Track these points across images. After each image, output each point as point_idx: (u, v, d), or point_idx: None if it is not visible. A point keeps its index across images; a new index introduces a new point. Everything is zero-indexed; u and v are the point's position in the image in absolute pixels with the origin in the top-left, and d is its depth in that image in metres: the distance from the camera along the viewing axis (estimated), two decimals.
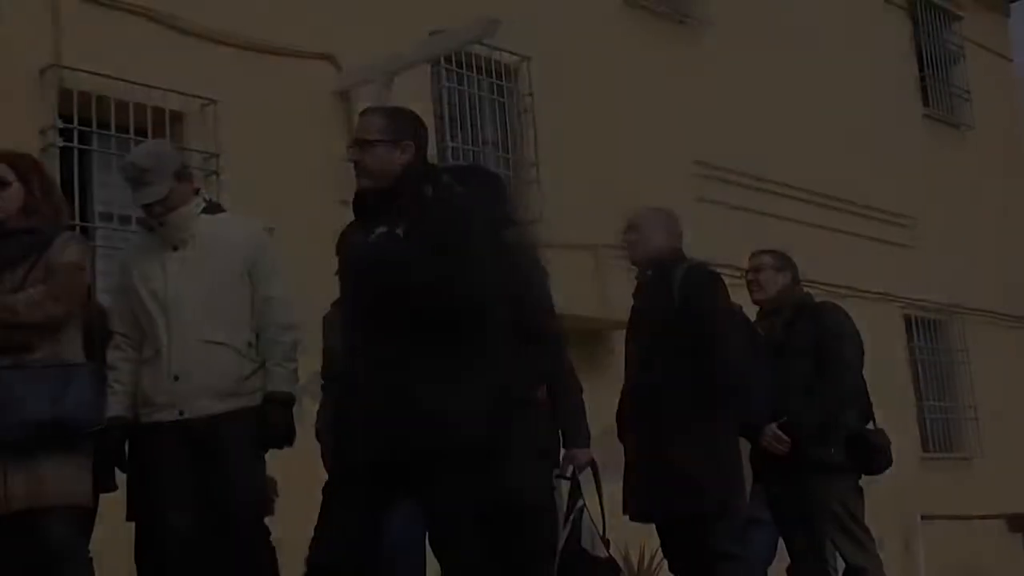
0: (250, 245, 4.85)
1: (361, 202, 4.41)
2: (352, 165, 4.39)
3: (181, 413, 4.70)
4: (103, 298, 5.68)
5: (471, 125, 10.40)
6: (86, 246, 4.79)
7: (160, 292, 4.77)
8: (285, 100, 8.95)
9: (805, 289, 6.52)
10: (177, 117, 8.65)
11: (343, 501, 4.30)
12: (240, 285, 4.81)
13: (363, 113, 4.49)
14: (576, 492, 5.49)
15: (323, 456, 5.77)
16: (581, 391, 5.63)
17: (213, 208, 4.95)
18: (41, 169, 4.85)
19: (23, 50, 7.96)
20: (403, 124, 4.39)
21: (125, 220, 8.52)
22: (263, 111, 8.74)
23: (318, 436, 5.71)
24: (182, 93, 8.57)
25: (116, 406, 4.80)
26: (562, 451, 5.49)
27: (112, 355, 4.87)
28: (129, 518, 5.01)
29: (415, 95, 9.39)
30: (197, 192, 5.01)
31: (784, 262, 6.40)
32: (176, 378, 4.71)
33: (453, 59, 10.16)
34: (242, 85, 8.80)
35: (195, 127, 8.72)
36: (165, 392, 4.73)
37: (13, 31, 7.85)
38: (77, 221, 7.80)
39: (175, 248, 4.84)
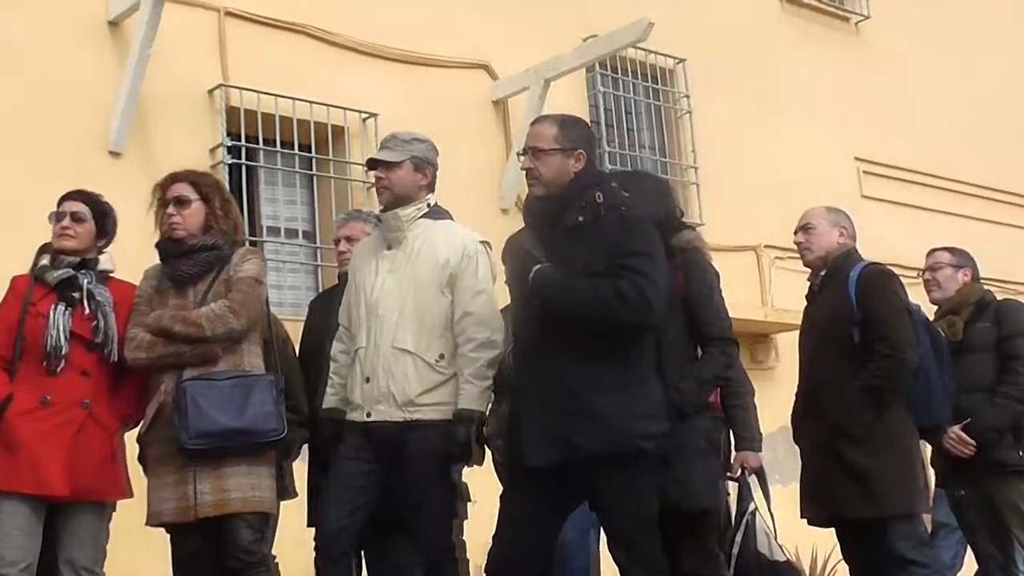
0: (456, 257, 4.74)
1: (532, 210, 4.42)
2: (524, 173, 4.41)
3: (368, 415, 4.71)
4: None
5: (627, 129, 10.35)
6: (263, 260, 4.88)
7: (369, 290, 4.80)
8: (442, 110, 9.02)
9: (984, 287, 6.30)
10: (339, 131, 8.82)
11: (520, 507, 4.35)
12: (439, 296, 4.73)
13: (535, 122, 4.50)
14: (746, 495, 5.42)
15: (495, 462, 5.80)
16: (753, 393, 5.56)
17: (437, 214, 4.92)
18: (220, 187, 4.99)
19: (192, 72, 8.21)
20: (575, 133, 4.41)
21: (291, 234, 8.73)
22: (421, 122, 8.69)
23: (488, 442, 5.74)
24: (343, 107, 8.73)
25: (332, 398, 4.85)
26: (732, 453, 5.43)
27: (335, 347, 4.91)
28: (311, 524, 5.11)
29: (570, 101, 9.43)
30: (431, 193, 4.97)
31: (963, 259, 6.20)
32: (367, 380, 4.72)
33: (608, 64, 10.13)
34: (400, 97, 8.93)
35: (356, 140, 8.88)
36: (358, 392, 4.76)
37: (182, 54, 8.10)
38: (245, 235, 8.00)
39: (389, 247, 4.85)
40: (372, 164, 4.96)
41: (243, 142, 8.33)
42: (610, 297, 4.16)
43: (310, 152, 8.74)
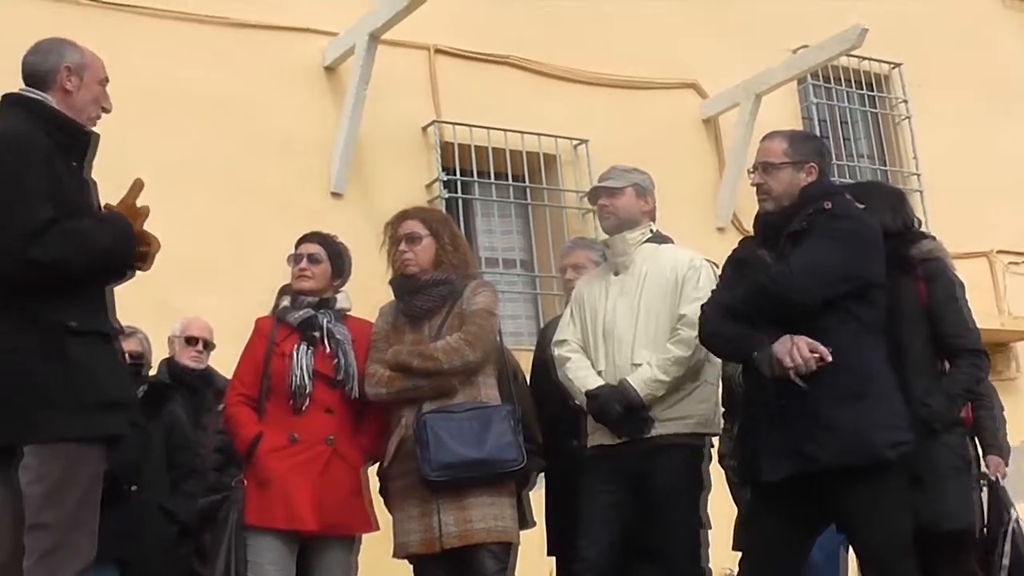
0: (683, 271, 4.78)
1: (763, 222, 4.34)
2: (755, 189, 4.33)
3: (616, 438, 4.71)
4: None
5: (843, 139, 10.11)
6: (495, 292, 4.93)
7: (600, 315, 4.83)
8: (653, 132, 8.99)
9: None
10: (550, 159, 8.88)
11: (763, 529, 4.24)
12: (671, 313, 4.74)
13: (765, 138, 4.43)
14: (1005, 503, 5.17)
15: (729, 484, 5.69)
16: (1002, 408, 5.31)
17: (660, 238, 4.96)
18: (449, 222, 5.06)
19: (405, 110, 8.42)
20: (805, 146, 4.34)
21: (509, 264, 8.80)
22: (633, 145, 8.77)
23: (721, 461, 5.64)
24: (554, 136, 8.79)
25: (595, 379, 4.76)
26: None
27: (561, 349, 4.89)
28: (551, 553, 5.10)
29: (783, 114, 9.27)
30: (652, 221, 4.99)
31: None
32: None
33: (820, 74, 9.92)
34: (610, 122, 8.94)
35: (568, 167, 8.91)
36: None
37: (395, 94, 8.30)
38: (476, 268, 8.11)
39: (616, 273, 4.88)
40: (595, 193, 4.96)
41: (458, 176, 8.47)
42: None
43: (523, 182, 8.82)
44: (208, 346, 6.01)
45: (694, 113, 9.51)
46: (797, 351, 3.96)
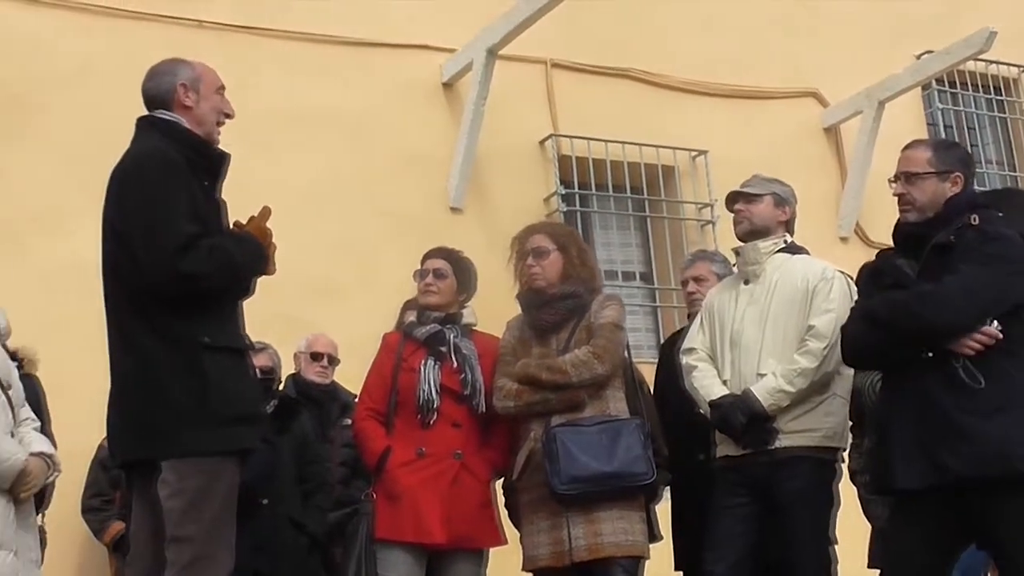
0: (815, 281, 4.69)
1: (903, 232, 4.24)
2: (897, 199, 4.23)
3: (741, 448, 4.66)
4: None
5: (970, 145, 9.84)
6: (622, 306, 4.92)
7: (728, 324, 4.78)
8: (773, 141, 8.89)
9: None
10: (669, 171, 8.83)
11: (901, 543, 4.15)
12: (800, 323, 4.66)
13: (907, 147, 4.33)
14: None
15: (861, 500, 5.57)
16: None
17: (794, 249, 4.89)
18: (576, 237, 5.08)
19: (523, 125, 8.44)
20: (950, 155, 4.23)
21: (628, 276, 8.77)
22: (752, 155, 8.67)
23: (853, 478, 5.52)
24: (672, 147, 8.74)
25: (720, 388, 4.70)
26: None
27: (689, 357, 4.85)
28: (677, 567, 5.05)
29: (907, 121, 9.10)
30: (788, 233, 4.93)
31: None
32: None
33: (945, 79, 9.70)
34: (729, 132, 8.86)
35: (687, 179, 8.85)
36: None
37: (513, 108, 8.33)
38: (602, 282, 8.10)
39: (746, 282, 4.83)
40: (733, 197, 4.90)
41: (576, 189, 8.47)
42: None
43: (642, 194, 8.78)
44: (333, 361, 6.09)
45: (815, 122, 9.37)
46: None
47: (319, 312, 7.11)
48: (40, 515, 4.77)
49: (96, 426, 5.82)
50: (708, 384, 4.71)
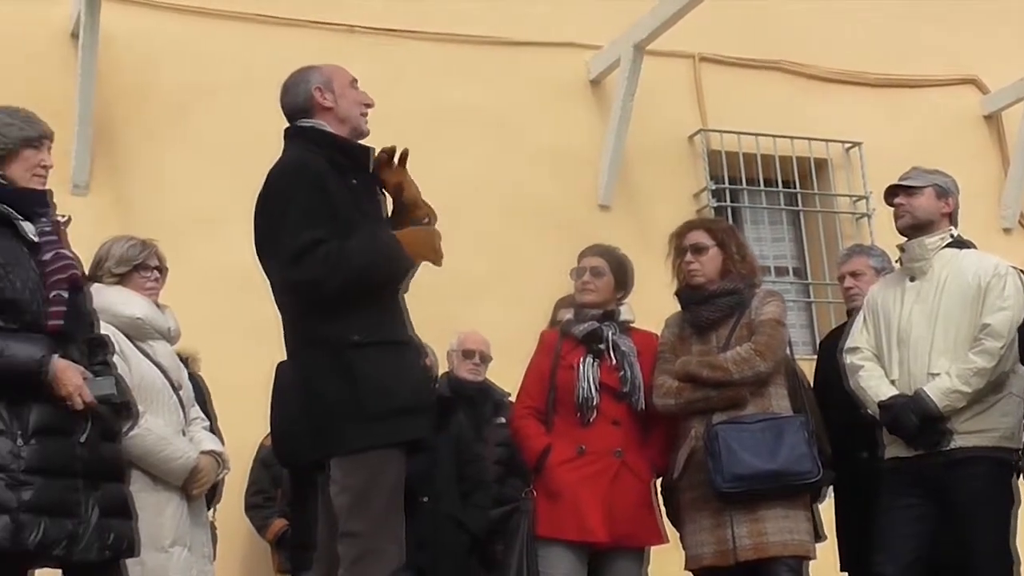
0: (987, 278, 4.58)
1: None
2: None
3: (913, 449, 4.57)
4: None
5: None
6: (783, 302, 4.85)
7: (894, 322, 4.68)
8: (930, 131, 8.65)
9: None
10: (821, 164, 8.67)
11: None
12: (967, 323, 4.56)
13: None
14: None
15: None
16: None
17: (960, 244, 4.78)
18: (735, 232, 5.02)
19: (671, 120, 8.38)
20: None
21: (781, 272, 8.62)
22: (909, 145, 8.45)
23: None
24: (824, 140, 8.57)
25: (889, 388, 4.61)
26: None
27: (852, 357, 4.77)
28: (843, 568, 4.95)
29: None
30: (952, 225, 4.84)
31: None
32: None
33: None
34: (884, 122, 8.67)
35: (841, 171, 8.67)
36: None
37: (661, 104, 8.27)
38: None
39: (912, 279, 4.72)
40: (892, 191, 4.78)
41: (726, 184, 8.37)
42: None
43: (794, 188, 8.62)
44: (485, 358, 6.11)
45: (974, 110, 9.08)
46: None
47: (469, 311, 7.14)
48: (211, 511, 4.90)
49: (255, 425, 5.98)
50: (875, 384, 4.60)
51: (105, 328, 4.07)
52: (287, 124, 4.10)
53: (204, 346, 5.99)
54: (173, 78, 7.37)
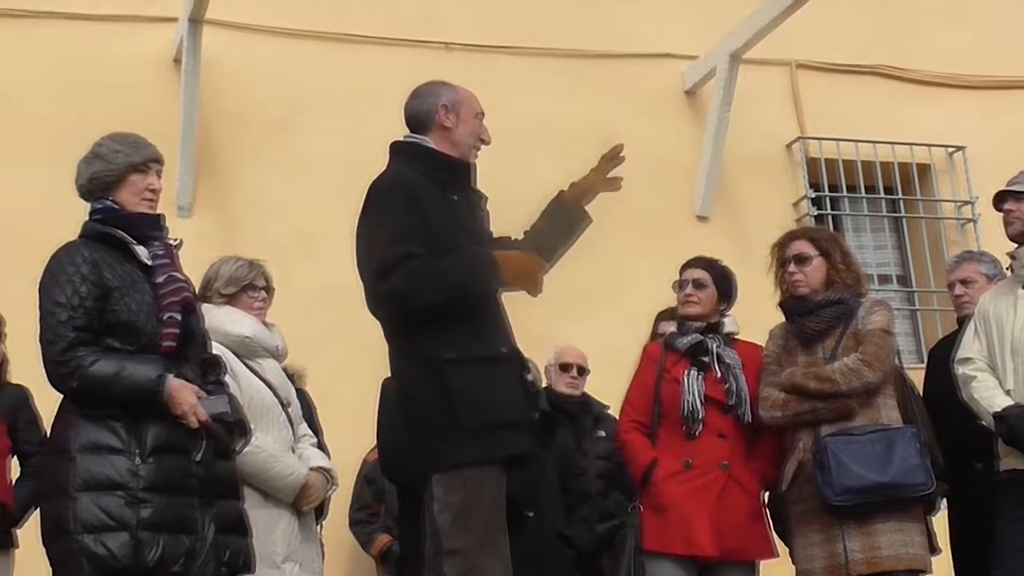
0: None
1: None
2: None
3: None
4: None
5: None
6: (891, 311, 4.77)
7: (1007, 331, 4.60)
8: None
9: None
10: (923, 169, 8.53)
11: None
12: None
13: None
14: None
15: None
16: None
17: None
18: (839, 241, 4.95)
19: (769, 128, 8.31)
20: None
21: (883, 280, 8.49)
22: (1015, 149, 8.26)
23: None
24: (926, 144, 8.43)
25: (1004, 399, 4.52)
26: None
27: (966, 368, 4.67)
28: None
29: None
30: None
31: None
32: None
33: None
34: (988, 126, 8.51)
35: (944, 176, 8.52)
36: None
37: (757, 112, 8.20)
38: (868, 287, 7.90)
39: None
40: (1001, 196, 4.68)
41: (826, 192, 8.27)
42: None
43: (896, 194, 8.50)
44: (583, 372, 6.10)
45: None
46: None
47: (567, 325, 7.14)
48: (318, 527, 4.95)
49: (358, 440, 6.06)
50: (990, 395, 4.51)
51: (216, 348, 4.15)
52: (391, 137, 4.13)
53: (307, 363, 6.08)
54: (272, 99, 7.50)
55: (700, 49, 8.13)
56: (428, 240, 3.77)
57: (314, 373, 6.22)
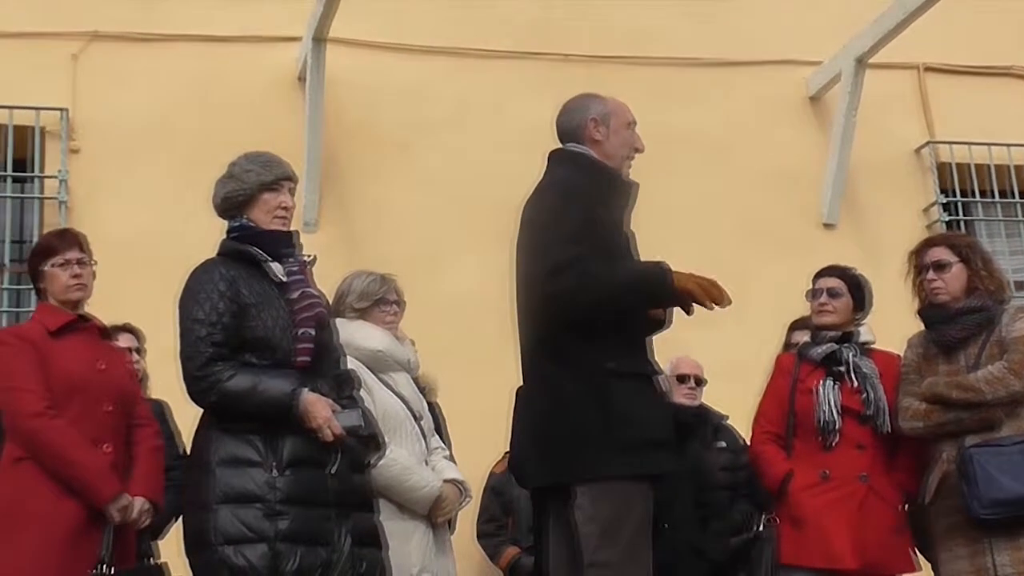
0: None
1: None
2: None
3: None
4: None
5: None
6: None
7: None
8: None
9: None
10: None
11: None
12: None
13: None
14: None
15: None
16: None
17: None
18: (979, 247, 4.82)
19: (896, 133, 8.16)
20: None
21: (1020, 287, 8.23)
22: None
23: None
24: None
25: None
26: None
27: None
28: None
29: None
30: None
31: None
32: None
33: None
34: None
35: None
36: None
37: (884, 117, 8.04)
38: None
39: None
40: None
41: (957, 197, 8.06)
42: None
43: None
44: (700, 382, 6.02)
45: None
46: None
47: (692, 336, 6.97)
48: None
49: (484, 452, 6.06)
50: None
51: (349, 362, 4.18)
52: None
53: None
54: (395, 115, 7.56)
55: (823, 54, 8.00)
56: (597, 246, 3.74)
57: (438, 386, 6.24)
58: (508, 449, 4.10)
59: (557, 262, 3.69)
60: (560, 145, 4.06)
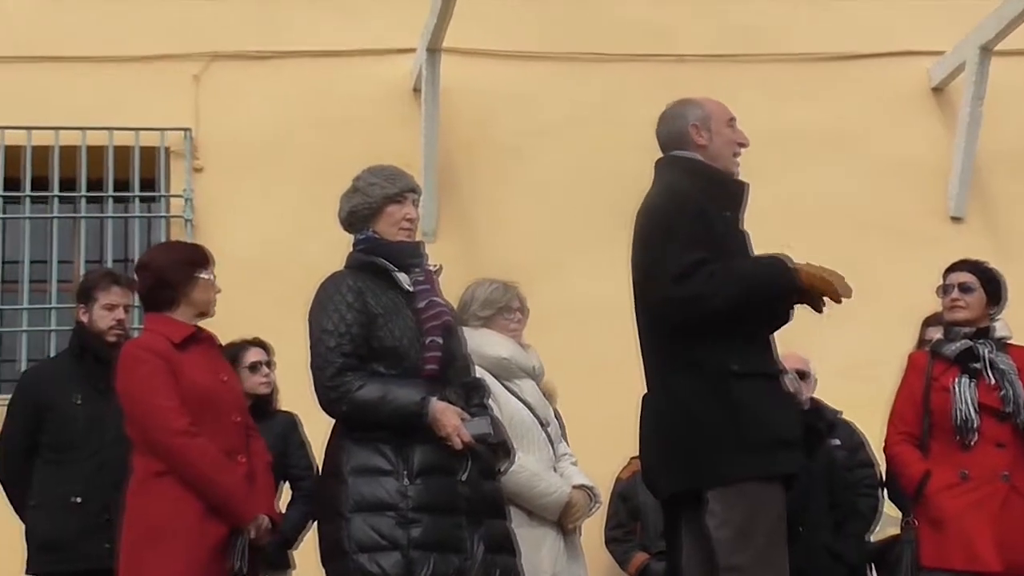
0: None
1: None
2: None
3: None
4: None
5: None
6: None
7: None
8: None
9: None
10: None
11: None
12: None
13: None
14: None
15: None
16: None
17: None
18: None
19: None
20: None
21: None
22: None
23: None
24: None
25: None
26: None
27: None
28: None
29: None
30: None
31: None
32: None
33: None
34: None
35: None
36: None
37: (1015, 105, 7.85)
38: None
39: None
40: None
41: None
42: None
43: None
44: (806, 377, 5.88)
45: None
46: None
47: (817, 334, 6.89)
48: None
49: (607, 459, 6.02)
50: None
51: (477, 371, 4.19)
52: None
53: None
54: (508, 123, 7.59)
55: (945, 44, 7.82)
56: (715, 249, 3.71)
57: (559, 393, 6.22)
58: (633, 455, 4.07)
59: (682, 268, 3.65)
60: (663, 154, 4.02)
